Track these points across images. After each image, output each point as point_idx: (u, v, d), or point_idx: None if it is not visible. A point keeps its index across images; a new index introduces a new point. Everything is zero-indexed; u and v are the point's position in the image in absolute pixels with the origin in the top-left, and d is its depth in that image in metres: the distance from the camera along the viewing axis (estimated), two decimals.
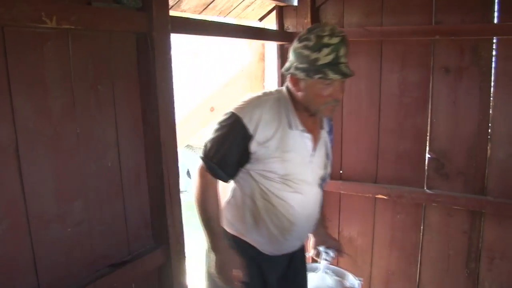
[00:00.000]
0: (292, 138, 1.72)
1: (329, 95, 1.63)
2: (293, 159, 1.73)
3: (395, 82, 2.63)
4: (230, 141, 1.68)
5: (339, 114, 2.79)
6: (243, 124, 1.65)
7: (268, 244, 1.82)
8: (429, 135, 2.57)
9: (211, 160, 1.69)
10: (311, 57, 1.60)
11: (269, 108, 1.71)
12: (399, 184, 2.68)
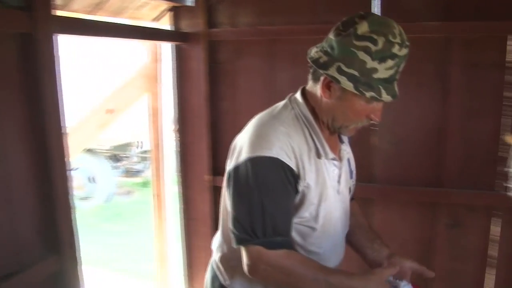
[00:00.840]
0: (323, 170, 1.37)
1: (368, 114, 1.31)
2: (329, 197, 1.39)
3: (288, 80, 2.73)
4: (278, 194, 1.27)
5: (233, 112, 2.85)
6: (285, 164, 1.27)
7: None
8: None
9: (268, 236, 1.25)
10: (369, 65, 1.20)
11: (296, 132, 1.33)
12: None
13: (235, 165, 1.31)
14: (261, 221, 1.25)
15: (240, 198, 1.29)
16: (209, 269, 1.64)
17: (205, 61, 2.78)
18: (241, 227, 1.27)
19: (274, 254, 1.25)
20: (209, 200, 2.92)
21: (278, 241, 1.26)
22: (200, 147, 2.87)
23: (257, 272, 1.28)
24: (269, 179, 1.26)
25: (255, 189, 1.25)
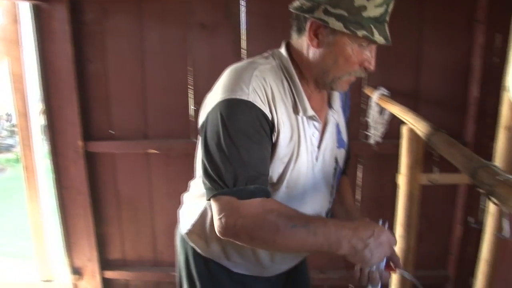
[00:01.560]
0: (300, 128, 1.25)
1: (361, 62, 1.20)
2: (301, 160, 1.27)
3: (156, 40, 2.69)
4: (250, 138, 1.14)
5: (103, 74, 2.76)
6: (258, 109, 1.16)
7: (256, 266, 1.42)
8: (192, 88, 2.73)
9: (239, 184, 1.13)
10: (357, 3, 1.11)
11: (273, 81, 1.21)
12: (168, 137, 2.81)
13: (207, 112, 1.19)
14: (232, 168, 1.12)
15: (210, 145, 1.16)
16: (179, 239, 1.52)
17: (69, 21, 2.63)
18: (211, 177, 1.14)
19: (247, 204, 1.12)
20: (84, 167, 2.83)
21: (251, 189, 1.13)
22: (69, 113, 2.74)
23: (228, 227, 1.12)
24: (241, 122, 1.13)
25: (224, 133, 1.13)
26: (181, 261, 1.50)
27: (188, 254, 1.46)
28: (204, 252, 1.42)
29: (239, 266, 1.41)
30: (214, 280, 1.42)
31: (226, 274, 1.42)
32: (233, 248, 1.36)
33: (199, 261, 1.43)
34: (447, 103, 2.71)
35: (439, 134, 1.33)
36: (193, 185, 1.47)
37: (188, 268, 1.47)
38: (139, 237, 3.03)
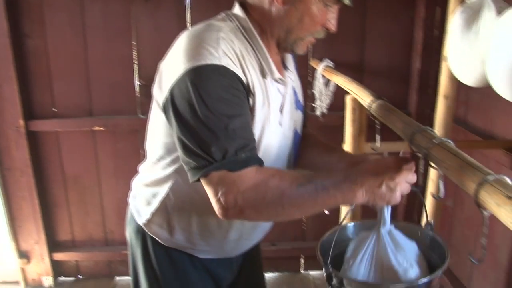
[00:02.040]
0: (269, 91, 1.17)
1: (325, 22, 1.16)
2: (271, 126, 1.19)
3: (98, 13, 2.60)
4: (230, 105, 1.05)
5: (43, 50, 2.65)
6: (233, 72, 1.07)
7: (222, 248, 1.36)
8: (136, 63, 2.67)
9: (229, 155, 1.02)
10: None
11: (239, 42, 1.13)
12: (114, 114, 2.74)
13: (171, 85, 1.07)
14: (217, 140, 1.02)
15: (185, 121, 1.04)
16: (134, 230, 1.40)
17: None
18: (195, 154, 1.03)
19: (243, 176, 1.02)
20: (26, 147, 2.73)
21: (243, 158, 1.03)
22: (8, 91, 2.62)
23: (230, 207, 1.02)
24: (216, 89, 1.03)
25: (200, 104, 1.01)
26: (138, 253, 1.38)
27: (148, 245, 1.35)
28: (166, 242, 1.32)
29: (204, 252, 1.35)
30: (177, 269, 1.35)
31: (189, 261, 1.35)
32: (199, 236, 1.29)
33: (160, 252, 1.33)
34: (391, 75, 2.78)
35: (380, 102, 1.36)
36: (147, 170, 1.34)
37: (147, 259, 1.36)
38: (88, 217, 2.98)
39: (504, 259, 2.16)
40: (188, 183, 1.19)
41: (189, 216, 1.27)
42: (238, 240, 1.35)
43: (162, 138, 1.21)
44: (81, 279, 3.10)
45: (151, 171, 1.31)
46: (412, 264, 1.19)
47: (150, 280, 1.36)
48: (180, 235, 1.30)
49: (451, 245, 2.68)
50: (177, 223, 1.28)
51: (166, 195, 1.26)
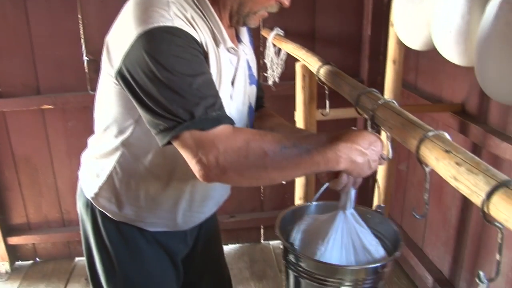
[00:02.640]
0: (221, 62, 1.14)
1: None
2: (224, 99, 1.10)
3: None
4: (191, 65, 1.00)
5: None
6: (188, 34, 1.02)
7: (173, 221, 1.33)
8: (83, 37, 2.58)
9: (200, 114, 0.97)
10: None
11: (190, 8, 1.08)
12: (63, 91, 2.66)
13: (124, 53, 1.01)
14: (182, 100, 0.97)
15: (145, 88, 0.99)
16: (83, 203, 1.36)
17: None
18: (162, 117, 0.98)
19: (220, 135, 0.98)
20: None
21: (214, 116, 0.99)
22: None
23: (211, 167, 0.97)
24: (173, 51, 0.98)
25: (159, 67, 0.96)
26: (88, 228, 1.35)
27: (97, 219, 1.32)
28: (116, 216, 1.29)
29: (154, 225, 1.32)
30: (128, 244, 1.32)
31: (141, 235, 1.32)
32: (148, 209, 1.27)
33: (110, 226, 1.31)
34: (342, 43, 2.80)
35: (328, 67, 1.37)
36: (95, 143, 1.32)
37: (98, 234, 1.33)
38: (42, 199, 2.90)
39: (454, 218, 2.24)
40: (135, 156, 1.18)
41: (136, 190, 1.25)
42: (189, 212, 1.33)
43: (110, 107, 1.19)
44: (39, 262, 3.04)
45: (98, 143, 1.29)
46: (378, 243, 1.23)
47: (103, 255, 1.34)
48: (128, 209, 1.28)
49: (405, 208, 2.77)
50: (125, 197, 1.26)
51: (113, 168, 1.23)
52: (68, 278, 2.87)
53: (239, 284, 2.76)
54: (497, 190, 0.66)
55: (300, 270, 1.14)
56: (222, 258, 1.68)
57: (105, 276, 1.35)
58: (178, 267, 1.43)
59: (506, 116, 1.83)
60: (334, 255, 1.15)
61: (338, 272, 1.11)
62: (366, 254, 1.18)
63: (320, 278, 1.13)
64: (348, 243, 1.18)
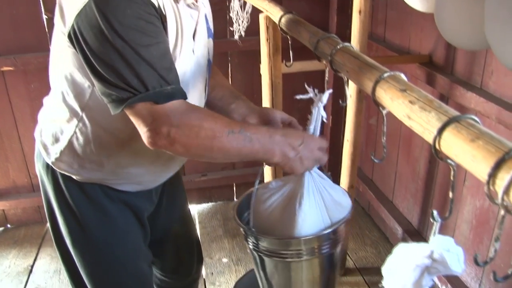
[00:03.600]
0: (182, 17, 1.11)
1: None
2: (186, 55, 1.14)
3: None
4: (147, 33, 0.98)
5: None
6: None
7: (139, 183, 1.33)
8: None
9: (154, 86, 0.98)
10: None
11: None
12: (23, 52, 2.56)
13: (76, 12, 0.97)
14: (136, 71, 0.97)
15: (98, 53, 0.97)
16: (43, 167, 1.33)
17: None
18: (115, 86, 0.98)
19: (175, 109, 1.00)
20: None
21: (168, 91, 1.00)
22: None
23: (162, 138, 1.00)
24: (127, 17, 0.95)
25: (112, 34, 0.94)
26: (49, 190, 1.32)
27: (58, 180, 1.29)
28: (78, 178, 1.27)
29: (119, 185, 1.31)
30: (92, 203, 1.30)
31: (104, 195, 1.31)
32: (112, 173, 1.26)
33: (72, 187, 1.28)
34: None
35: (289, 16, 1.34)
36: (52, 105, 1.27)
37: (60, 196, 1.30)
38: (9, 164, 2.84)
39: (422, 170, 2.27)
40: (95, 120, 1.15)
41: (99, 155, 1.22)
42: (154, 173, 1.33)
43: (66, 69, 1.13)
44: (10, 228, 3.01)
45: (56, 106, 1.23)
46: (344, 192, 1.30)
47: (66, 216, 1.31)
48: (91, 173, 1.25)
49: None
50: (87, 161, 1.23)
51: (73, 133, 1.20)
52: (41, 243, 2.85)
53: (213, 242, 2.78)
54: (448, 126, 0.65)
55: (261, 250, 1.22)
56: (188, 213, 1.68)
57: (70, 237, 1.33)
58: (144, 225, 1.42)
59: (472, 66, 1.84)
60: (313, 217, 1.19)
61: (293, 244, 1.19)
62: (338, 208, 1.22)
63: (280, 253, 1.21)
64: (320, 201, 1.21)
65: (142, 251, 1.42)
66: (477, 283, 1.96)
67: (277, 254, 1.21)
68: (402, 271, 0.83)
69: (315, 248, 1.20)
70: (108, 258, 1.35)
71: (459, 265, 0.80)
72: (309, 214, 1.17)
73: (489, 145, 0.59)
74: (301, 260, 1.21)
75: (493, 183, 0.57)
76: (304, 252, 1.19)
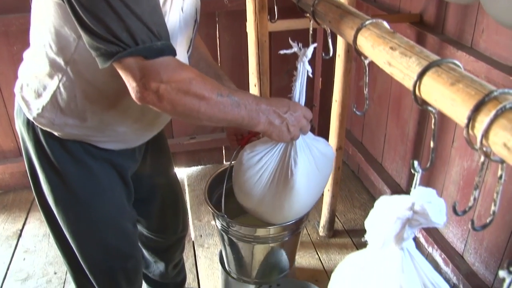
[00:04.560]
0: None
1: None
2: (174, 24, 1.13)
3: None
4: None
5: None
6: None
7: (123, 140, 1.31)
8: None
9: (143, 41, 0.95)
10: None
11: None
12: (4, 12, 2.48)
13: None
14: (126, 24, 0.94)
15: (88, 5, 0.94)
16: (23, 123, 1.29)
17: None
18: (104, 39, 0.95)
19: (165, 65, 0.98)
20: None
21: (159, 46, 0.98)
22: None
23: (150, 93, 0.98)
24: None
25: None
26: (30, 147, 1.30)
27: (39, 137, 1.26)
28: (60, 135, 1.24)
29: (103, 143, 1.29)
30: (75, 160, 1.27)
31: (87, 153, 1.28)
32: (96, 130, 1.24)
33: (54, 144, 1.25)
34: None
35: None
36: (33, 59, 1.22)
37: (41, 153, 1.28)
38: None
39: (411, 132, 2.26)
40: (80, 75, 1.11)
41: (83, 111, 1.19)
42: (139, 131, 1.31)
43: (49, 20, 1.09)
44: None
45: (38, 60, 1.19)
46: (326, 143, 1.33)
47: (48, 174, 1.28)
48: (75, 129, 1.22)
49: (366, 124, 2.78)
50: (70, 118, 1.20)
51: (56, 88, 1.17)
52: (29, 208, 2.84)
53: (201, 205, 2.78)
54: (429, 70, 0.63)
55: (230, 232, 1.34)
56: (173, 173, 1.67)
57: (53, 195, 1.30)
58: (128, 184, 1.40)
59: (462, 24, 1.80)
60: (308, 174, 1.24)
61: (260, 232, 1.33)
62: (324, 159, 1.29)
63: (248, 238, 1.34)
64: (311, 157, 1.25)
65: (125, 209, 1.42)
66: (462, 243, 1.98)
67: (247, 239, 1.34)
68: (383, 224, 0.82)
69: (280, 235, 1.34)
70: (91, 215, 1.34)
71: (441, 217, 0.78)
72: (304, 172, 1.21)
73: (469, 88, 0.57)
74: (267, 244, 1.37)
75: (472, 127, 0.55)
76: (270, 239, 1.34)
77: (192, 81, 1.00)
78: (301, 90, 1.21)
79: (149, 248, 1.79)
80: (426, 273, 0.86)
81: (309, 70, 1.19)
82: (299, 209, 1.34)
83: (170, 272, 1.89)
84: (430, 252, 2.11)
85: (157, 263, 1.85)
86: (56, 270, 2.37)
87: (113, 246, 1.42)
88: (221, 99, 1.02)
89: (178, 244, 1.80)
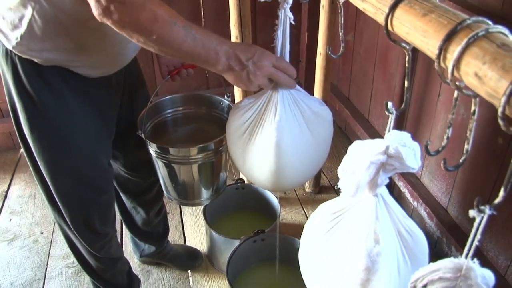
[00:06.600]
0: None
1: None
2: None
3: None
4: None
5: None
6: None
7: (99, 64, 1.34)
8: None
9: None
10: None
11: None
12: None
13: None
14: None
15: None
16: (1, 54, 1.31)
17: None
18: None
19: None
20: None
21: None
22: None
23: (103, 8, 0.99)
24: None
25: None
26: (9, 77, 1.32)
27: (18, 69, 1.29)
28: (39, 61, 1.27)
29: (80, 68, 1.31)
30: (51, 89, 1.30)
31: (64, 83, 1.31)
32: (72, 53, 1.26)
33: (31, 73, 1.28)
34: None
35: None
36: None
37: (19, 81, 1.30)
38: None
39: (398, 86, 2.23)
40: (51, 3, 1.13)
41: (58, 36, 1.21)
42: (111, 56, 1.34)
43: None
44: None
45: None
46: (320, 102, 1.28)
47: (24, 102, 1.30)
48: (52, 54, 1.25)
49: (352, 79, 2.74)
50: (47, 43, 1.22)
51: (31, 16, 1.18)
52: (14, 169, 2.81)
53: None
54: (401, 2, 0.59)
55: (161, 157, 1.48)
56: None
57: (28, 123, 1.33)
58: (107, 118, 1.45)
59: None
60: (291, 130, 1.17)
61: (182, 152, 1.48)
62: (318, 119, 1.21)
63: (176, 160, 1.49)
64: (298, 113, 1.18)
65: (101, 144, 1.47)
66: (447, 197, 1.98)
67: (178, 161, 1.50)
68: (356, 169, 0.79)
69: (201, 156, 1.48)
70: (65, 144, 1.37)
71: (416, 161, 0.76)
72: (286, 126, 1.15)
73: (442, 18, 0.53)
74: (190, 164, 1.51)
75: (444, 59, 0.52)
76: (192, 158, 1.48)
77: (147, 3, 0.98)
78: (284, 41, 1.15)
79: (127, 190, 1.84)
80: (400, 220, 0.84)
81: (291, 17, 1.14)
82: (289, 171, 1.24)
83: (152, 219, 1.94)
84: (415, 206, 2.12)
85: (137, 208, 1.90)
86: (42, 230, 2.37)
87: (87, 177, 1.45)
88: (176, 28, 1.00)
89: (153, 186, 1.84)
